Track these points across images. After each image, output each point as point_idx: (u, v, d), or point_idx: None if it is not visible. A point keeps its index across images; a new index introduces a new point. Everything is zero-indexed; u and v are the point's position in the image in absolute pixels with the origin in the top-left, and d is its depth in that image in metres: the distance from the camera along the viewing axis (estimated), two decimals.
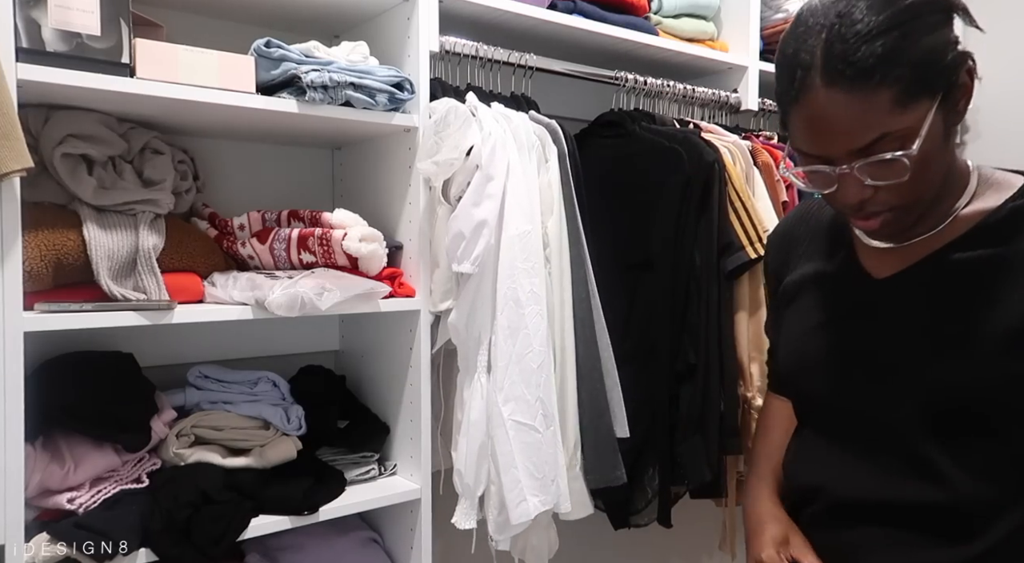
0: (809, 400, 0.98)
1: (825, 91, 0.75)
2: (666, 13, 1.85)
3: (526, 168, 1.43)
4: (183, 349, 1.51)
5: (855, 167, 0.77)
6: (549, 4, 1.61)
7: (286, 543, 1.42)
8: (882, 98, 0.73)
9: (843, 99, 0.74)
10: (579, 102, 1.83)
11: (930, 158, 0.77)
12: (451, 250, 1.37)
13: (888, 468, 0.86)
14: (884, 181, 0.78)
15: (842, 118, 0.75)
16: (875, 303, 0.89)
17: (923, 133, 0.75)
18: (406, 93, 1.40)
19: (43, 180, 1.20)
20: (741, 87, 1.97)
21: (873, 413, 0.88)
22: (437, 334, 1.48)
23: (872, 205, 0.81)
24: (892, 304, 0.88)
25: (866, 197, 0.80)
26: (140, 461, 1.28)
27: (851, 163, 0.77)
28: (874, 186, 0.78)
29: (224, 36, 1.45)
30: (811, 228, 1.02)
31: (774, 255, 1.09)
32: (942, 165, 0.81)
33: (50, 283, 1.16)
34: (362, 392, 1.66)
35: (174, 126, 1.41)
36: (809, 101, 0.77)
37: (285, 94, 1.31)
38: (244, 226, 1.46)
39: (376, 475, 1.51)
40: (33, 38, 1.08)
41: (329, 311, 1.28)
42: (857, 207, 0.81)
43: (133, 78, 1.16)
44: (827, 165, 0.79)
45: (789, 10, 2.08)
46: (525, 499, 1.36)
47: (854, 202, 0.81)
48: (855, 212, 0.83)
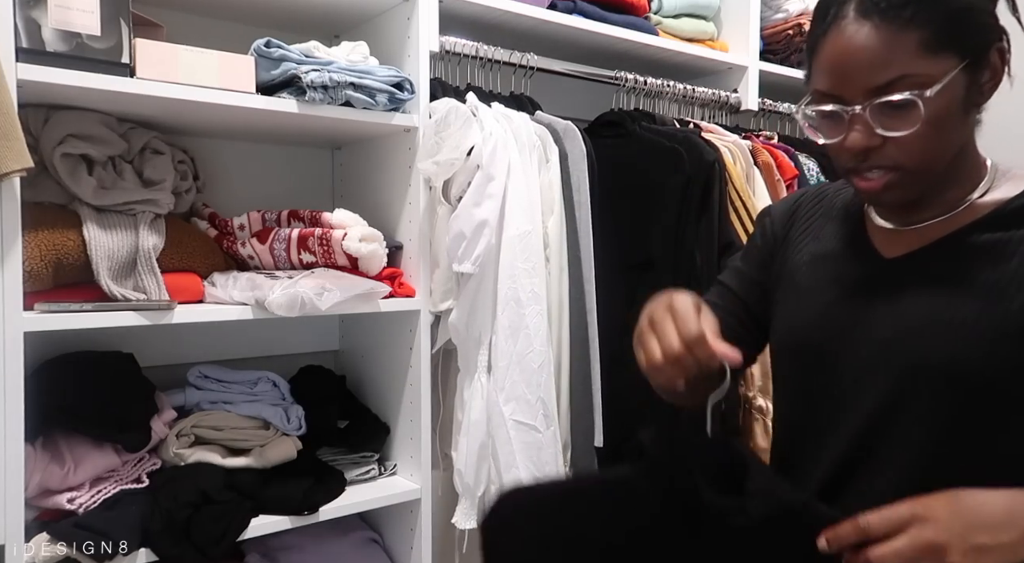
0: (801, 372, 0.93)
1: (856, 23, 0.77)
2: (666, 13, 1.85)
3: (527, 168, 1.43)
4: (183, 349, 1.51)
5: (869, 107, 0.77)
6: (549, 4, 1.61)
7: (286, 543, 1.42)
8: (910, 37, 0.75)
9: (872, 31, 0.76)
10: (579, 102, 1.83)
11: (943, 120, 0.77)
12: (452, 250, 1.37)
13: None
14: (894, 132, 0.77)
15: (867, 50, 0.76)
16: (883, 281, 0.87)
17: (941, 85, 0.75)
18: (406, 93, 1.40)
19: (43, 180, 1.20)
20: (741, 87, 1.97)
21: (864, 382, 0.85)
22: (437, 334, 1.48)
23: (878, 158, 0.79)
24: (901, 282, 0.85)
25: (873, 145, 0.78)
26: (140, 461, 1.28)
27: (866, 102, 0.77)
28: (883, 136, 0.78)
29: (224, 36, 1.45)
30: (823, 208, 1.00)
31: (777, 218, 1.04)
32: (954, 137, 0.80)
33: (50, 283, 1.16)
34: (362, 392, 1.66)
35: (174, 126, 1.41)
36: (839, 32, 0.78)
37: (285, 94, 1.31)
38: (244, 226, 1.46)
39: (376, 475, 1.51)
40: (33, 38, 1.08)
41: (329, 311, 1.28)
42: (862, 156, 0.80)
43: (133, 78, 1.16)
44: (841, 105, 0.79)
45: (789, 10, 2.07)
46: None
47: (860, 147, 0.79)
48: (860, 163, 0.81)
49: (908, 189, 0.81)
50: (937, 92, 0.75)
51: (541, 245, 1.43)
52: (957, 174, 0.83)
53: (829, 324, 0.89)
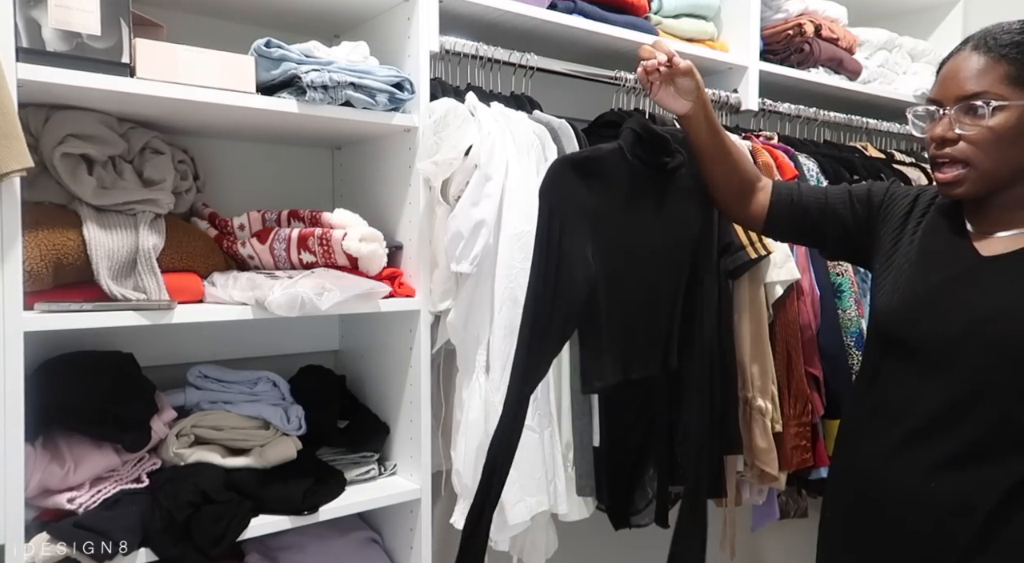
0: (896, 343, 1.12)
1: (969, 52, 1.06)
2: (666, 13, 1.85)
3: (525, 167, 1.43)
4: (183, 349, 1.51)
5: (954, 109, 1.05)
6: (549, 4, 1.61)
7: (286, 543, 1.43)
8: (1000, 67, 1.02)
9: (976, 58, 1.04)
10: (579, 102, 1.83)
11: (1007, 135, 1.02)
12: (450, 250, 1.37)
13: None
14: (966, 130, 1.03)
15: (967, 70, 1.05)
16: (979, 275, 1.07)
17: (1011, 104, 1.02)
18: (406, 93, 1.40)
19: (43, 180, 1.21)
20: (741, 87, 1.97)
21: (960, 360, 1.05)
22: (437, 334, 1.48)
23: (952, 151, 1.05)
24: (992, 276, 1.05)
25: (949, 138, 1.05)
26: (140, 461, 1.29)
27: (952, 106, 1.05)
28: (958, 134, 1.04)
29: (224, 36, 1.45)
30: (923, 203, 1.20)
31: (898, 200, 1.23)
32: (1016, 154, 1.04)
33: (50, 283, 1.16)
34: (362, 392, 1.66)
35: (174, 126, 1.41)
36: (955, 58, 1.08)
37: (285, 94, 1.31)
38: (244, 226, 1.46)
39: (376, 475, 1.51)
40: (33, 38, 1.08)
41: (329, 311, 1.28)
42: (940, 145, 1.06)
43: (133, 78, 1.16)
44: (936, 105, 1.08)
45: (789, 10, 2.07)
46: (522, 499, 1.36)
47: (938, 137, 1.06)
48: (938, 152, 1.07)
49: (973, 185, 1.06)
50: (1006, 109, 1.02)
51: None
52: None
53: (930, 301, 1.10)
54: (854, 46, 2.23)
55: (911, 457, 1.07)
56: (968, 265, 1.09)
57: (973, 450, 1.03)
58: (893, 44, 2.40)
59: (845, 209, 1.27)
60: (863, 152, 2.23)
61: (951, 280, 1.09)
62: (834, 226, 1.28)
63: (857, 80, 2.24)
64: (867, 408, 1.17)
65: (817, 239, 1.33)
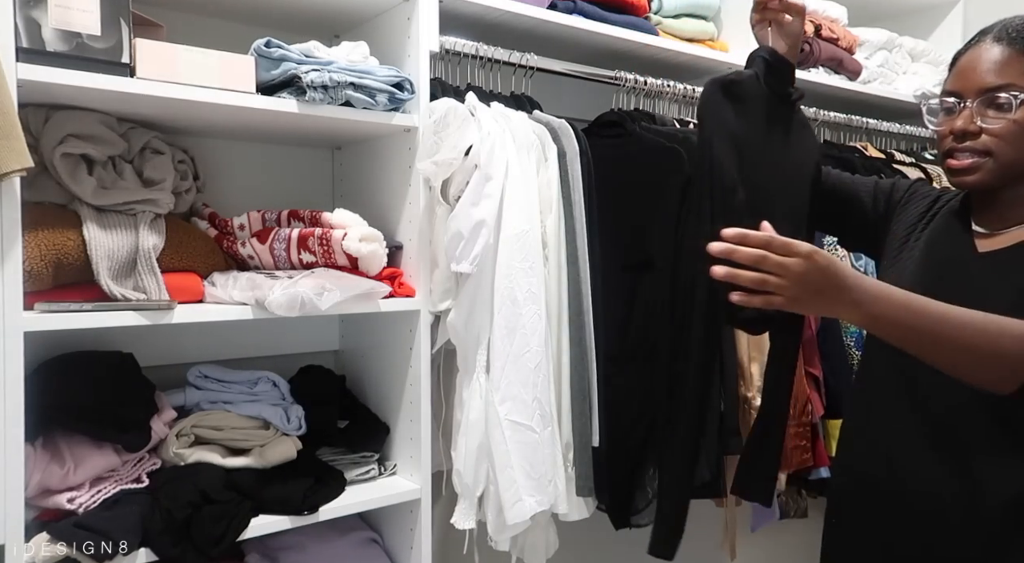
0: None
1: (989, 43, 1.05)
2: (666, 13, 1.85)
3: (525, 167, 1.43)
4: (183, 349, 1.51)
5: (977, 101, 1.04)
6: (549, 4, 1.61)
7: (286, 543, 1.43)
8: (1022, 60, 1.02)
9: (998, 50, 1.04)
10: (579, 102, 1.83)
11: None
12: (450, 250, 1.37)
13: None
14: (990, 123, 1.03)
15: (989, 61, 1.04)
16: (973, 271, 1.09)
17: None
18: (406, 93, 1.40)
19: (43, 180, 1.20)
20: None
21: None
22: (437, 334, 1.48)
23: (973, 143, 1.05)
24: (987, 273, 1.07)
25: (971, 130, 1.05)
26: (140, 461, 1.29)
27: (975, 98, 1.04)
28: (980, 127, 1.04)
29: (224, 36, 1.45)
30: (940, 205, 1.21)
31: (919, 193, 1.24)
32: None
33: (50, 283, 1.16)
34: (362, 392, 1.66)
35: (174, 126, 1.41)
36: (975, 49, 1.07)
37: (285, 94, 1.31)
38: (244, 226, 1.46)
39: (376, 475, 1.51)
40: (33, 38, 1.08)
41: (329, 311, 1.28)
42: (961, 135, 1.06)
43: (133, 78, 1.16)
44: (956, 98, 1.07)
45: None
46: (521, 499, 1.36)
47: (960, 130, 1.05)
48: (956, 145, 1.06)
49: (988, 174, 1.06)
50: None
51: (539, 244, 1.43)
52: None
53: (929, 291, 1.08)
54: (854, 46, 2.23)
55: (913, 455, 1.08)
56: (964, 261, 1.11)
57: (973, 448, 1.03)
58: (893, 44, 2.40)
59: (868, 198, 1.28)
60: (863, 152, 2.23)
61: (948, 277, 1.11)
62: (855, 214, 1.29)
63: (857, 80, 2.24)
64: (867, 408, 1.17)
65: (837, 225, 1.34)
